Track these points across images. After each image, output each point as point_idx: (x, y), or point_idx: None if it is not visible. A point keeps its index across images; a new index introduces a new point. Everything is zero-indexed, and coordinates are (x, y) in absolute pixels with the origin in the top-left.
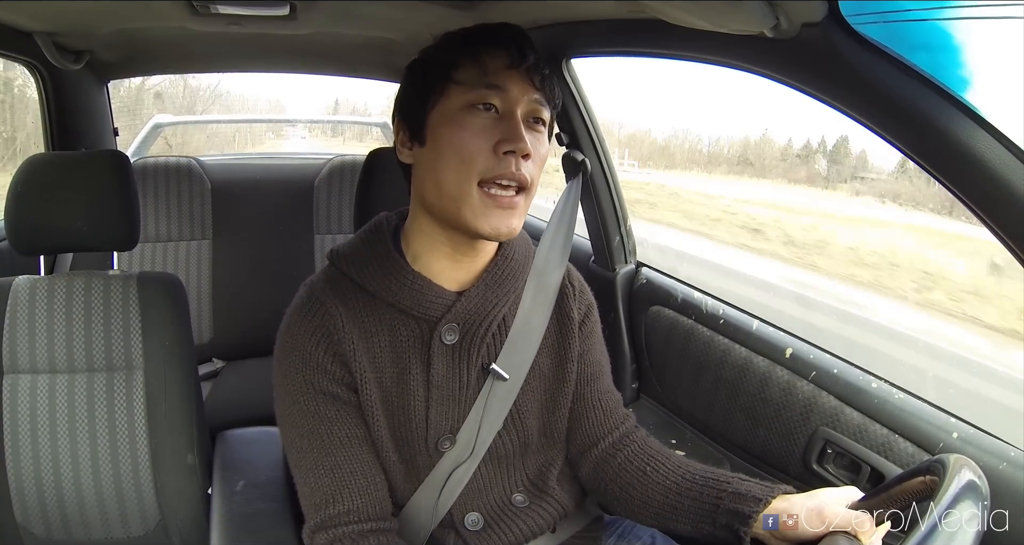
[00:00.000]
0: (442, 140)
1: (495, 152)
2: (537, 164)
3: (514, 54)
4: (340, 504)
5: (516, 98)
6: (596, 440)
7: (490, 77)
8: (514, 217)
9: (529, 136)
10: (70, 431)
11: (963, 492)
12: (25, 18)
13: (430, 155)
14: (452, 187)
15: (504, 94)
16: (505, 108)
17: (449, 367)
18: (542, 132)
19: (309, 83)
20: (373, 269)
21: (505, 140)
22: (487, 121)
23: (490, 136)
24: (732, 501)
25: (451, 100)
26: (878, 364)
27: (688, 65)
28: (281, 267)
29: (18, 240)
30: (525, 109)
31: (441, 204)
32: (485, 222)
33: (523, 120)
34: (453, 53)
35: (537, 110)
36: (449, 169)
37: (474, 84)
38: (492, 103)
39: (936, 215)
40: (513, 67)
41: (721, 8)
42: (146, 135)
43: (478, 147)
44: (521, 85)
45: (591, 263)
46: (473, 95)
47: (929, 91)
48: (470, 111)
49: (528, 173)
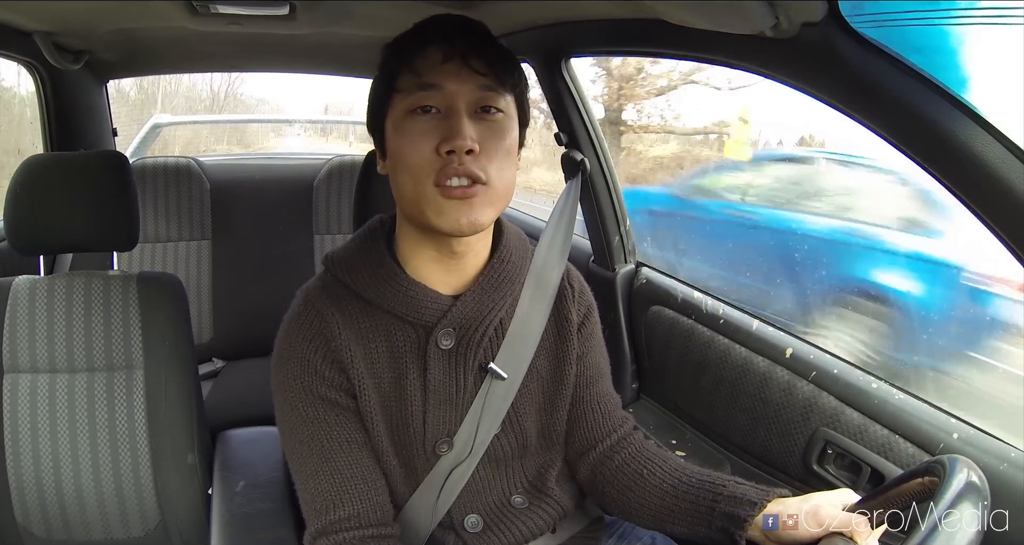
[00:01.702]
0: (393, 150)
1: (438, 153)
2: (492, 156)
3: (446, 48)
4: (341, 509)
5: (454, 92)
6: (594, 443)
7: (424, 77)
8: (474, 208)
9: (480, 126)
10: (70, 431)
11: (963, 493)
12: (24, 18)
13: (391, 165)
14: (410, 193)
15: (441, 91)
16: (445, 105)
17: (445, 371)
18: (496, 120)
19: (303, 86)
20: (368, 275)
21: (444, 140)
22: (428, 124)
23: (432, 138)
24: (728, 504)
25: (395, 109)
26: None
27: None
28: (280, 267)
29: (18, 240)
30: (469, 100)
31: (408, 209)
32: (444, 218)
33: (471, 111)
34: (388, 62)
35: (485, 98)
36: (404, 177)
37: (410, 89)
38: (430, 105)
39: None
40: (447, 60)
41: (721, 8)
42: (145, 135)
43: (420, 152)
44: (458, 77)
45: (591, 263)
46: (411, 100)
47: (929, 91)
48: (411, 117)
49: (477, 168)
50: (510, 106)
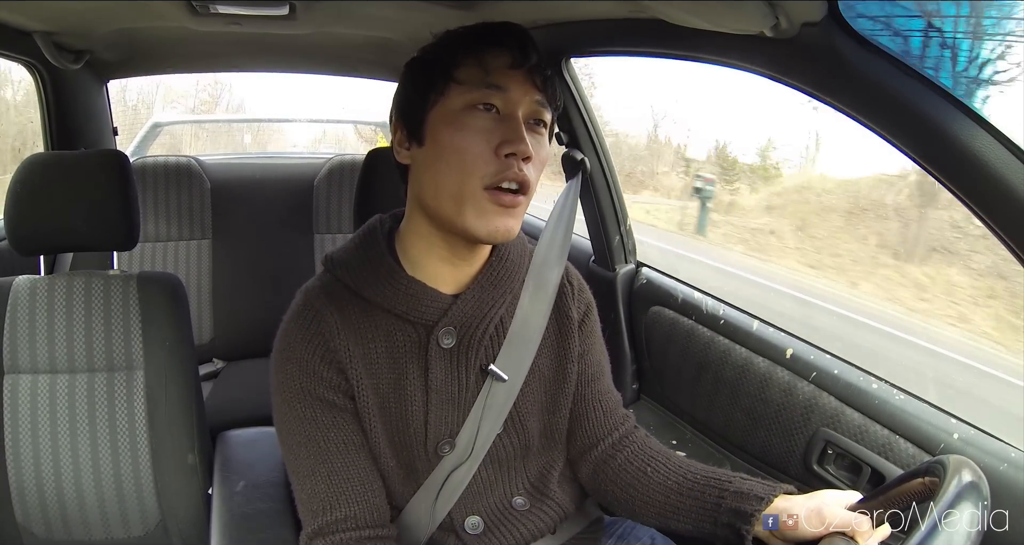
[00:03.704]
0: (442, 141)
1: (496, 154)
2: (537, 167)
3: (516, 54)
4: (337, 510)
5: (517, 99)
6: (596, 441)
7: (492, 77)
8: (512, 218)
9: (530, 138)
10: (70, 431)
11: (963, 493)
12: (25, 18)
13: (429, 155)
14: (453, 188)
15: (506, 94)
16: (506, 109)
17: (447, 371)
18: (543, 134)
19: (301, 88)
20: (368, 275)
21: (507, 142)
22: (488, 122)
23: (491, 138)
24: (734, 500)
25: (451, 100)
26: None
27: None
28: (281, 267)
29: (18, 240)
30: (526, 110)
31: (440, 205)
32: (484, 224)
33: (524, 121)
34: (454, 52)
35: (538, 112)
36: (450, 170)
37: (475, 84)
38: (493, 104)
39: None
40: (515, 67)
41: (721, 8)
42: (145, 134)
43: (479, 149)
44: (523, 86)
45: (591, 263)
46: (474, 95)
47: (929, 91)
48: (470, 111)
49: (529, 175)
50: (551, 124)
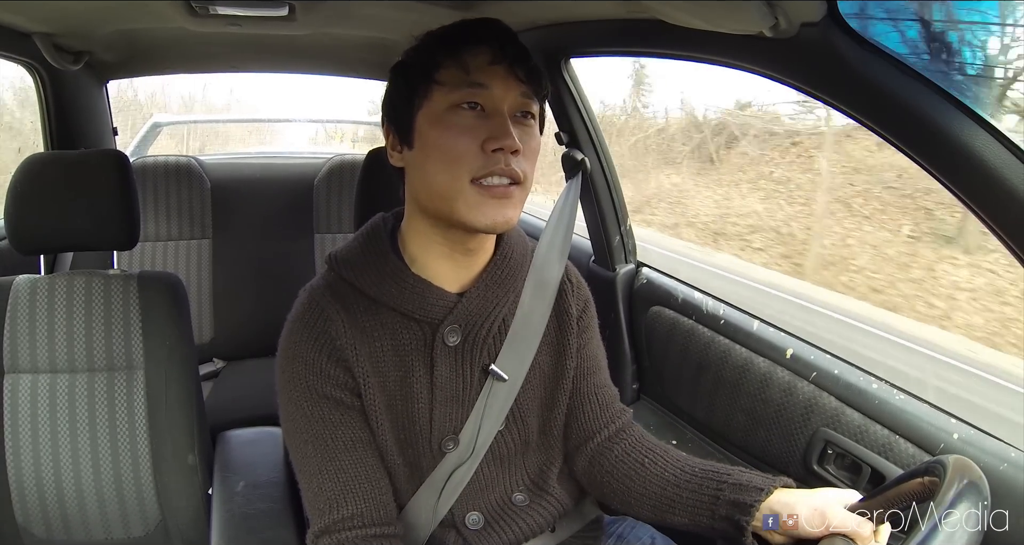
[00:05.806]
0: (430, 142)
1: (483, 150)
2: (528, 158)
3: (495, 49)
4: (344, 509)
5: (501, 95)
6: (592, 433)
7: (473, 75)
8: (509, 208)
9: (517, 131)
10: (71, 431)
11: (963, 493)
12: (24, 19)
13: (419, 157)
14: (443, 187)
15: (488, 92)
16: (490, 105)
17: (452, 368)
18: (531, 125)
19: (299, 90)
20: (372, 273)
21: (492, 138)
22: (473, 120)
23: (477, 135)
24: (733, 492)
25: (435, 102)
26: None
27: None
28: (281, 266)
29: (18, 239)
30: (512, 104)
31: (434, 204)
32: (480, 215)
33: (510, 115)
34: (433, 54)
35: (524, 104)
36: (438, 170)
37: (457, 84)
38: (476, 102)
39: None
40: (496, 63)
41: (720, 8)
42: (145, 134)
43: (465, 147)
44: (505, 81)
45: (591, 263)
46: (457, 95)
47: (929, 91)
48: (455, 111)
49: (519, 168)
50: (538, 114)
